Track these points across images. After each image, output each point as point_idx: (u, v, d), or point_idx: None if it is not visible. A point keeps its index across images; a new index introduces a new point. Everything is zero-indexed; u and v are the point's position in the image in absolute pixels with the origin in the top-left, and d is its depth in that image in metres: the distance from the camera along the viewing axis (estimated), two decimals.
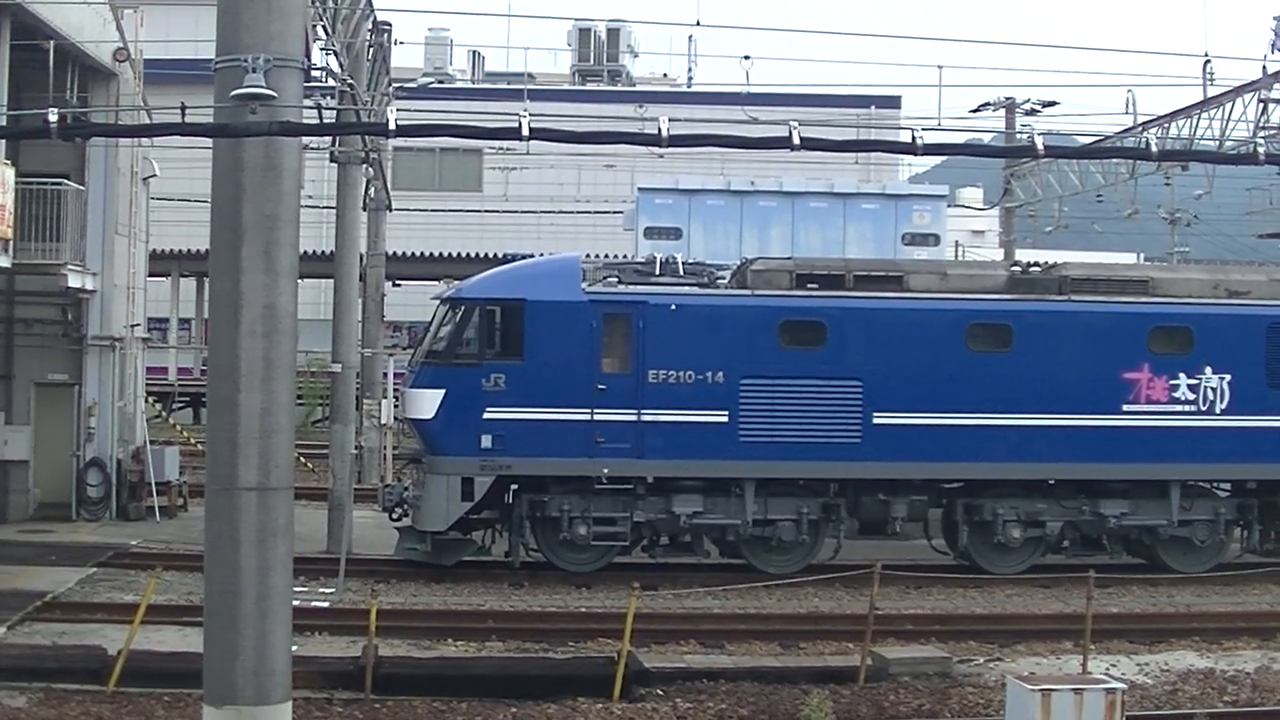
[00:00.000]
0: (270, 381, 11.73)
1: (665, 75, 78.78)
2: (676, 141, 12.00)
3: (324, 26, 30.88)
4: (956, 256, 50.04)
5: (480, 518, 27.65)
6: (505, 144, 42.91)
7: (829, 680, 19.71)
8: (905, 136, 12.61)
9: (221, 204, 11.74)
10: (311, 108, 13.38)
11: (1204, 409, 28.10)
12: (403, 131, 12.36)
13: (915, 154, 12.18)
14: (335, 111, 27.67)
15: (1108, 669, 20.34)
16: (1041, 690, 15.30)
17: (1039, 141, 13.16)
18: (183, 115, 11.82)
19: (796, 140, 11.77)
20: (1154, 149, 14.46)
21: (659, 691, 19.19)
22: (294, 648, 13.76)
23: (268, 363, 11.71)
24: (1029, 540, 28.21)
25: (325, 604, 24.38)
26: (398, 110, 12.98)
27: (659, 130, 11.71)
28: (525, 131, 11.66)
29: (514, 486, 27.39)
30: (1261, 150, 14.32)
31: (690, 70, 71.24)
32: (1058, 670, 20.54)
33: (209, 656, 11.92)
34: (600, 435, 26.74)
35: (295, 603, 13.99)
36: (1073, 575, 25.34)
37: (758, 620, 24.17)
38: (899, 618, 23.71)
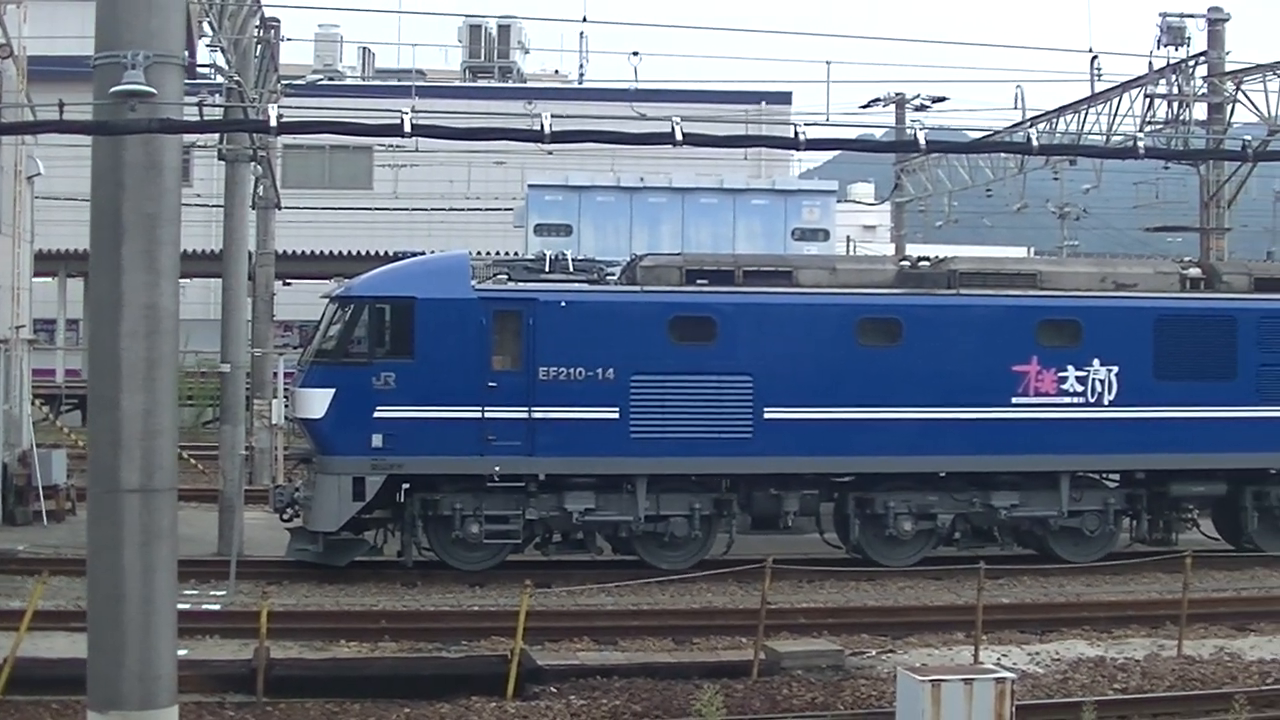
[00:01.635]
0: (152, 382, 11.63)
1: (556, 72, 78.73)
2: (560, 138, 12.02)
3: (210, 22, 30.61)
4: (848, 252, 50.34)
5: (372, 517, 27.44)
6: (395, 141, 42.89)
7: (722, 675, 19.72)
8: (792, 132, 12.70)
9: (101, 203, 11.63)
10: (193, 104, 13.25)
11: (1092, 400, 28.39)
12: (285, 129, 12.30)
13: (799, 149, 12.28)
14: (222, 109, 27.44)
15: (999, 659, 20.54)
16: (931, 681, 15.41)
17: (921, 137, 13.29)
18: (60, 112, 11.68)
19: (679, 136, 11.82)
20: (1035, 144, 14.59)
21: (553, 689, 19.17)
22: (184, 651, 13.67)
23: (149, 363, 11.61)
24: (920, 533, 28.40)
25: (216, 606, 24.13)
26: (286, 108, 12.90)
27: (542, 126, 11.74)
28: (408, 129, 11.63)
29: (405, 485, 27.19)
30: (1141, 145, 14.50)
31: (582, 67, 71.26)
32: (950, 661, 20.67)
33: (93, 661, 11.80)
34: (491, 433, 26.62)
35: (186, 606, 13.90)
36: (964, 567, 25.52)
37: (651, 616, 24.18)
38: (792, 611, 23.79)
